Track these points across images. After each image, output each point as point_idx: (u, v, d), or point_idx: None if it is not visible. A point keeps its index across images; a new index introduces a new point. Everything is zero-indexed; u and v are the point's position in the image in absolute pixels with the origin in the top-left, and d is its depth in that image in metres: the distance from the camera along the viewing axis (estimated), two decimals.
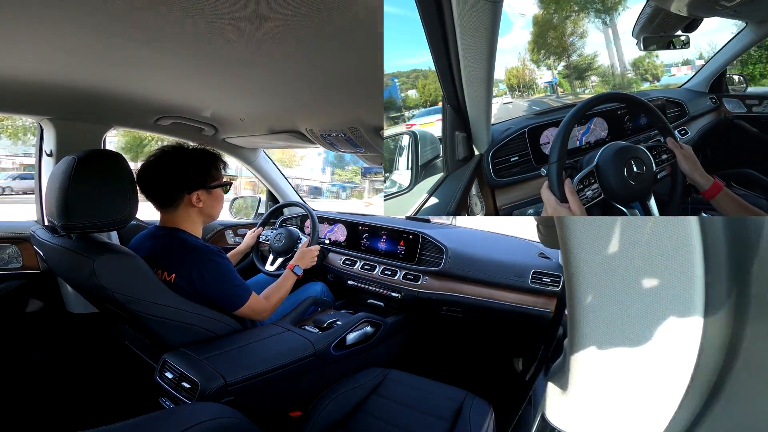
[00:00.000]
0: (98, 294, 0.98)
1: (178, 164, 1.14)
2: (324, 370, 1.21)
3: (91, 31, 0.74)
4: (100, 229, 0.98)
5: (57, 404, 1.42)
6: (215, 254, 1.13)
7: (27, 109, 1.34)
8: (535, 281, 1.46)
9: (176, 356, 1.00)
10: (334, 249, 1.89)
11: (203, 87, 1.12)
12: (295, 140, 1.69)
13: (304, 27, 0.68)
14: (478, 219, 2.33)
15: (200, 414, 0.63)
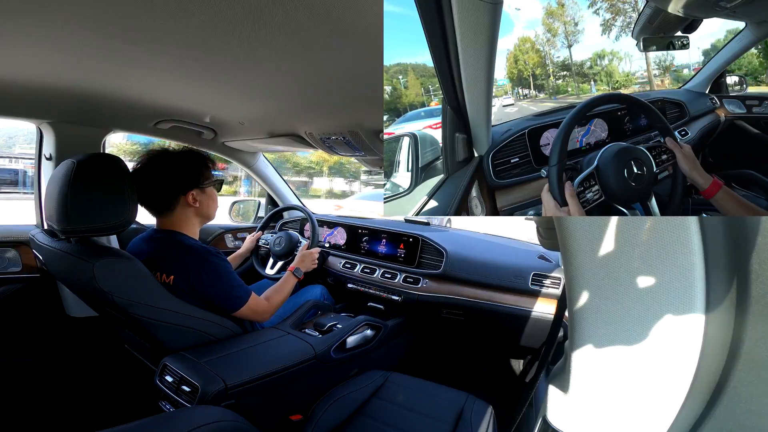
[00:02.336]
0: (98, 298, 0.98)
1: (168, 167, 1.14)
2: (324, 374, 1.21)
3: (90, 34, 0.74)
4: (99, 233, 0.98)
5: (57, 408, 1.41)
6: (214, 255, 1.13)
7: (26, 113, 1.34)
8: (535, 283, 1.46)
9: (176, 359, 0.99)
10: (334, 252, 1.89)
11: (203, 90, 1.12)
12: (294, 144, 1.69)
13: (304, 30, 0.68)
14: (479, 220, 2.33)
15: (201, 417, 0.63)
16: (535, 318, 1.45)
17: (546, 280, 1.45)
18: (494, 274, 1.53)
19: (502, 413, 1.18)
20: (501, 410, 1.19)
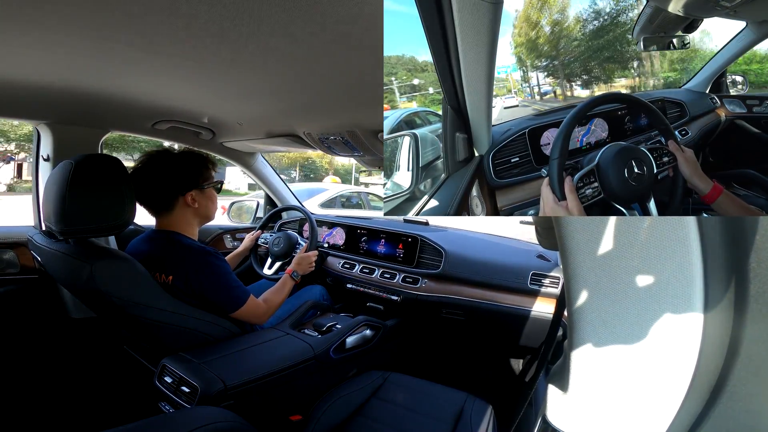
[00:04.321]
0: (96, 298, 0.97)
1: (168, 167, 1.14)
2: (324, 374, 1.21)
3: (88, 35, 0.74)
4: (97, 234, 0.97)
5: (56, 409, 1.40)
6: (212, 256, 1.13)
7: (24, 114, 1.33)
8: (534, 283, 1.46)
9: (175, 360, 0.99)
10: (332, 252, 1.89)
11: (201, 91, 1.12)
12: (292, 144, 1.69)
13: (302, 30, 0.68)
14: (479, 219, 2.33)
15: (200, 418, 0.63)
16: (534, 318, 1.45)
17: (545, 279, 1.45)
18: (493, 274, 1.53)
19: (501, 413, 1.18)
20: (500, 410, 1.19)
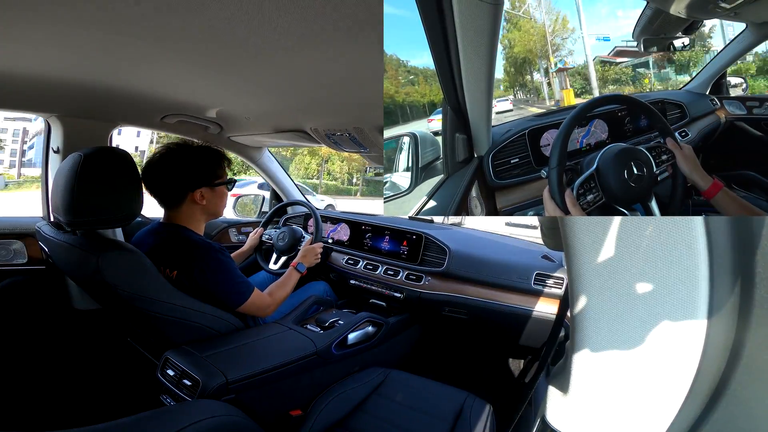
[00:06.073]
0: (102, 290, 0.98)
1: (183, 162, 1.15)
2: (325, 370, 1.21)
3: (98, 28, 0.74)
4: (105, 226, 0.98)
5: (59, 399, 1.43)
6: (217, 251, 1.14)
7: (35, 107, 1.35)
8: (538, 283, 1.46)
9: (178, 353, 1.00)
10: (337, 248, 1.89)
11: (209, 85, 1.12)
12: (299, 139, 1.69)
13: (310, 26, 0.68)
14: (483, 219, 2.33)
15: (201, 412, 0.64)
16: (536, 318, 1.44)
17: (549, 279, 1.44)
18: (497, 273, 1.52)
19: (501, 412, 1.18)
20: (500, 409, 1.19)
